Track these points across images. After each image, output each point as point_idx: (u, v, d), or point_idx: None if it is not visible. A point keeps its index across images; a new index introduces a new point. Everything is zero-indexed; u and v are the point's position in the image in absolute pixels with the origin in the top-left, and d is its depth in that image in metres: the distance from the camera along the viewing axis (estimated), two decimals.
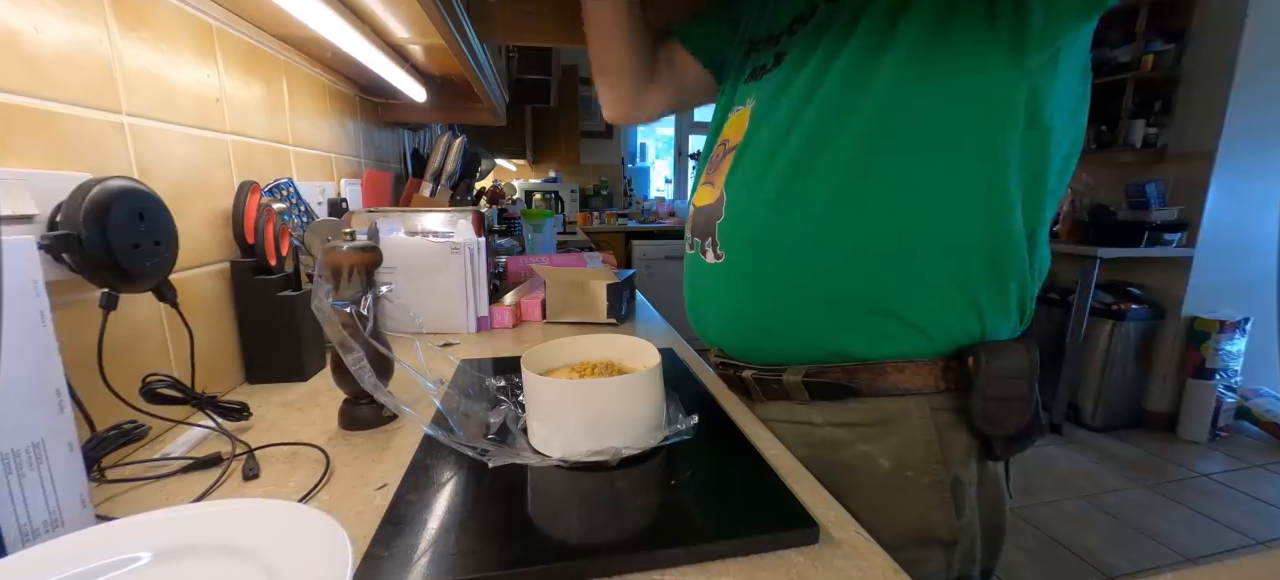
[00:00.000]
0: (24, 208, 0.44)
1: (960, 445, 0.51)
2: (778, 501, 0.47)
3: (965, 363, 0.50)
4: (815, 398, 0.54)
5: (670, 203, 4.53)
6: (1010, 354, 0.49)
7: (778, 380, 0.56)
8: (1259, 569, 0.43)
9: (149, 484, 0.51)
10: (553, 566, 0.39)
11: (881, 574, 0.41)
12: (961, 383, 0.50)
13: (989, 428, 0.49)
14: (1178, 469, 2.37)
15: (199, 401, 0.58)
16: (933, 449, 0.50)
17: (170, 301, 0.57)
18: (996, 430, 0.49)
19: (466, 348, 0.94)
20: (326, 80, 1.11)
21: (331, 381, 0.64)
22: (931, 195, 0.47)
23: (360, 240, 0.62)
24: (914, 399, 0.50)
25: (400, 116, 1.48)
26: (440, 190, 1.42)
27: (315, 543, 0.34)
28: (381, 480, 0.51)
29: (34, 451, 0.37)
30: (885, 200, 0.48)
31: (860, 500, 0.50)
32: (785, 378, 0.55)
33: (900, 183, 0.48)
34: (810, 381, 0.54)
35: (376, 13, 0.83)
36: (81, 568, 0.33)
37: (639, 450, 0.53)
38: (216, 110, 0.73)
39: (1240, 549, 1.90)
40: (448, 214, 1.02)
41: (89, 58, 0.53)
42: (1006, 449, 0.51)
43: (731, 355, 0.61)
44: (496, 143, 3.26)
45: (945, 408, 0.51)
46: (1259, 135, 2.51)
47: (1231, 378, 2.59)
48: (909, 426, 0.50)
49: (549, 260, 1.42)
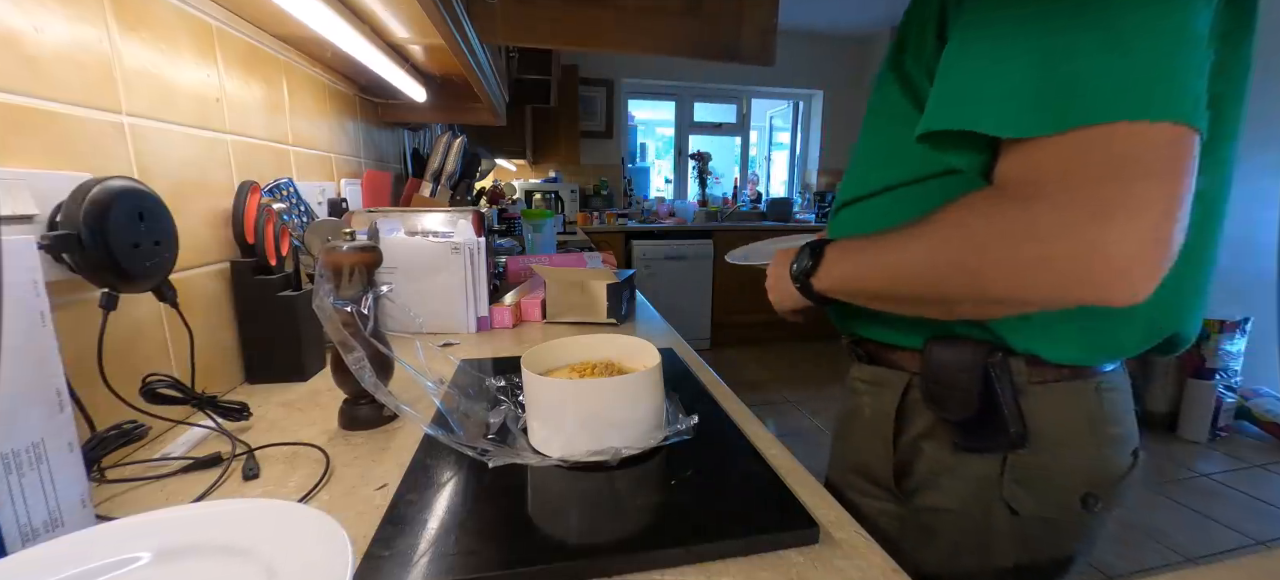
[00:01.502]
0: (24, 208, 0.44)
1: (923, 418, 0.57)
2: (778, 501, 0.47)
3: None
4: (858, 361, 0.66)
5: (670, 203, 4.53)
6: (956, 348, 0.53)
7: (856, 345, 0.67)
8: (1259, 569, 0.44)
9: (149, 484, 0.51)
10: (553, 566, 0.39)
11: (881, 574, 0.41)
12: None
13: (934, 408, 0.55)
14: (1178, 469, 2.37)
15: (199, 401, 0.58)
16: (890, 410, 0.59)
17: (170, 301, 0.57)
18: (940, 412, 0.55)
19: (466, 348, 0.95)
20: (326, 80, 1.11)
21: (331, 381, 0.64)
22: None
23: (360, 240, 0.62)
24: (898, 373, 0.59)
25: (400, 116, 1.48)
26: (440, 190, 1.42)
27: (315, 543, 0.34)
28: (381, 480, 0.51)
29: (34, 451, 0.37)
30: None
31: (849, 434, 0.66)
32: (843, 340, 0.69)
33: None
34: (853, 348, 0.67)
35: (376, 13, 0.83)
36: (81, 568, 0.33)
37: (639, 450, 0.53)
38: (216, 110, 0.73)
39: (1240, 549, 1.90)
40: (448, 214, 1.02)
41: (89, 58, 0.53)
42: (964, 441, 0.54)
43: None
44: (496, 143, 3.26)
45: (917, 385, 0.57)
46: (1259, 135, 2.51)
47: (1231, 378, 2.59)
48: (888, 391, 0.59)
49: (549, 260, 1.42)
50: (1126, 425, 0.54)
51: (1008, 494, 0.53)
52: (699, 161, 4.52)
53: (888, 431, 0.59)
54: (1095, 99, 0.35)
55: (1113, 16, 0.35)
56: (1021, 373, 0.51)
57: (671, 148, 4.70)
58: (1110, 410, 0.53)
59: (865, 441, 0.62)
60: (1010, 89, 0.38)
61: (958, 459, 0.55)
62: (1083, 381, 0.52)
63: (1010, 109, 0.38)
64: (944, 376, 0.53)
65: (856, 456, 0.64)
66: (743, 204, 4.60)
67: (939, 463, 0.56)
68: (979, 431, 0.53)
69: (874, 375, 0.62)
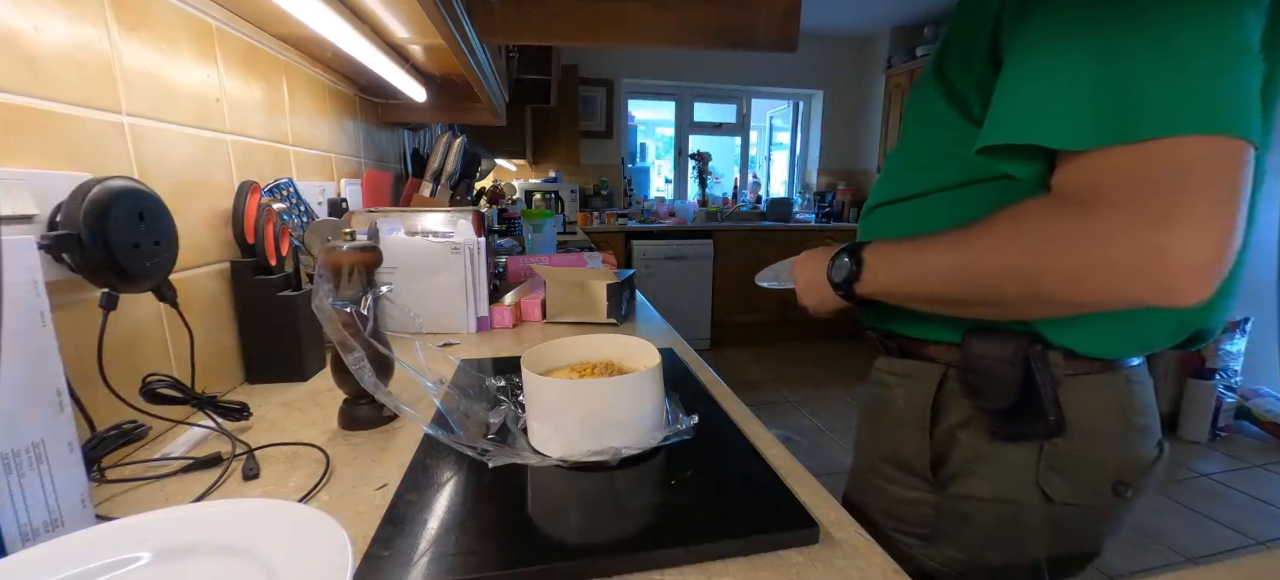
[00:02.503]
0: (24, 208, 0.44)
1: (959, 408, 0.58)
2: (778, 501, 0.47)
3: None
4: (888, 354, 0.67)
5: (670, 203, 4.53)
6: (999, 340, 0.54)
7: (887, 339, 0.68)
8: (1259, 569, 0.44)
9: (149, 484, 0.51)
10: (553, 566, 0.39)
11: (881, 574, 0.41)
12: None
13: (973, 397, 0.56)
14: (1178, 469, 2.37)
15: (199, 401, 0.58)
16: (926, 401, 0.60)
17: (170, 301, 0.57)
18: (979, 402, 0.56)
19: (466, 348, 0.95)
20: (326, 80, 1.11)
21: (331, 381, 0.64)
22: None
23: (360, 240, 0.62)
24: (932, 365, 0.60)
25: (400, 116, 1.48)
26: (440, 190, 1.42)
27: (315, 543, 0.34)
28: (381, 480, 0.51)
29: (34, 451, 0.37)
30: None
31: (879, 424, 0.66)
32: (869, 334, 0.70)
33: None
34: (885, 342, 0.67)
35: (376, 13, 0.83)
36: (81, 568, 0.33)
37: (639, 450, 0.53)
38: (216, 110, 0.73)
39: (1240, 549, 1.90)
40: (448, 214, 1.02)
41: (89, 57, 0.53)
42: (1002, 429, 0.55)
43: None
44: (496, 143, 3.25)
45: (953, 376, 0.58)
46: None
47: (1231, 378, 2.59)
48: (922, 382, 0.60)
49: (549, 260, 1.42)
50: (1152, 416, 0.57)
51: (1043, 481, 0.54)
52: (699, 161, 4.52)
53: (924, 421, 0.60)
54: (1155, 113, 0.37)
55: (1170, 32, 0.37)
56: (1058, 364, 0.53)
57: (671, 148, 4.70)
58: (1140, 401, 0.55)
59: (898, 431, 0.63)
60: (1073, 104, 0.40)
61: (994, 447, 0.56)
62: (1113, 374, 0.54)
63: (1074, 123, 0.40)
64: (985, 367, 0.54)
65: (888, 446, 0.64)
66: (743, 204, 4.60)
67: (975, 451, 0.57)
68: (1017, 420, 0.54)
69: (906, 368, 0.63)
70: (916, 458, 0.61)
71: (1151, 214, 0.36)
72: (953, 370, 0.58)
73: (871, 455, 0.67)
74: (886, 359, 0.67)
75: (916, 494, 0.62)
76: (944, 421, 0.59)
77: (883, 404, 0.66)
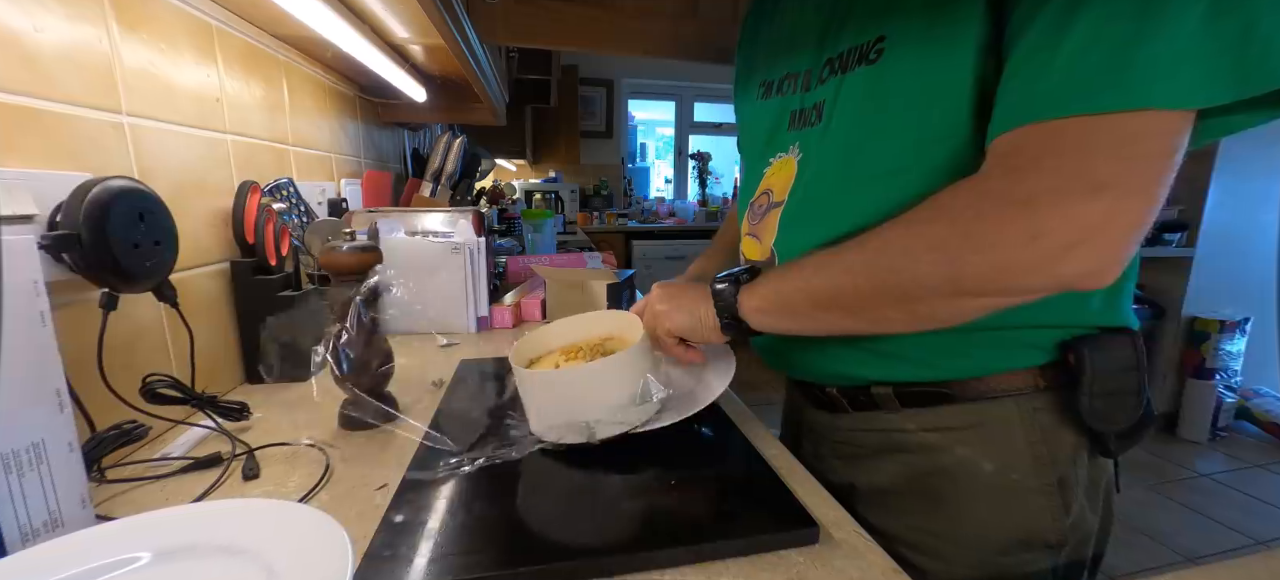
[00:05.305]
0: (24, 208, 0.44)
1: (1067, 444, 0.48)
2: (778, 501, 0.47)
3: (1067, 359, 0.47)
4: (906, 406, 0.52)
5: (670, 203, 4.53)
6: (1116, 346, 0.46)
7: (866, 392, 0.54)
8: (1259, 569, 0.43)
9: (149, 484, 0.51)
10: (552, 566, 0.39)
11: (881, 574, 0.41)
12: (1063, 380, 0.48)
13: (1101, 425, 0.47)
14: (1178, 469, 2.37)
15: (199, 401, 0.58)
16: (1038, 451, 0.48)
17: (170, 301, 0.57)
18: (1108, 427, 0.47)
19: (466, 347, 0.94)
20: (326, 80, 1.11)
21: (331, 381, 0.64)
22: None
23: (360, 240, 0.62)
24: (1014, 400, 0.48)
25: (400, 116, 1.48)
26: (440, 190, 1.42)
27: (315, 543, 0.33)
28: (381, 480, 0.51)
29: (34, 451, 0.37)
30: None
31: (961, 505, 0.50)
32: (873, 390, 0.53)
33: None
34: (902, 391, 0.52)
35: (376, 13, 0.83)
36: (81, 568, 0.33)
37: (619, 429, 0.53)
38: (216, 110, 0.73)
39: (1240, 549, 1.90)
40: (448, 214, 1.02)
41: (89, 57, 0.53)
42: (1120, 445, 0.48)
43: (819, 381, 0.59)
44: (496, 143, 3.25)
45: (1047, 407, 0.48)
46: (1259, 134, 2.50)
47: (1231, 378, 2.59)
48: (1011, 428, 0.48)
49: (549, 260, 1.42)
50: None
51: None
52: (699, 161, 4.52)
53: (1048, 476, 0.48)
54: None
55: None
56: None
57: (671, 148, 4.70)
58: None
59: (1009, 502, 0.49)
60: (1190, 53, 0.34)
61: (1093, 465, 0.50)
62: (1128, 336, 0.48)
63: (1196, 75, 0.34)
64: (1114, 384, 0.45)
65: (1005, 529, 0.50)
66: None
67: (1087, 479, 0.49)
68: (1138, 427, 0.48)
69: (965, 417, 0.49)
70: (1052, 525, 0.48)
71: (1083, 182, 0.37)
72: (1041, 397, 0.47)
73: (976, 551, 0.50)
74: (913, 413, 0.51)
75: (1046, 562, 0.49)
76: (1059, 465, 0.48)
77: (944, 475, 0.50)
